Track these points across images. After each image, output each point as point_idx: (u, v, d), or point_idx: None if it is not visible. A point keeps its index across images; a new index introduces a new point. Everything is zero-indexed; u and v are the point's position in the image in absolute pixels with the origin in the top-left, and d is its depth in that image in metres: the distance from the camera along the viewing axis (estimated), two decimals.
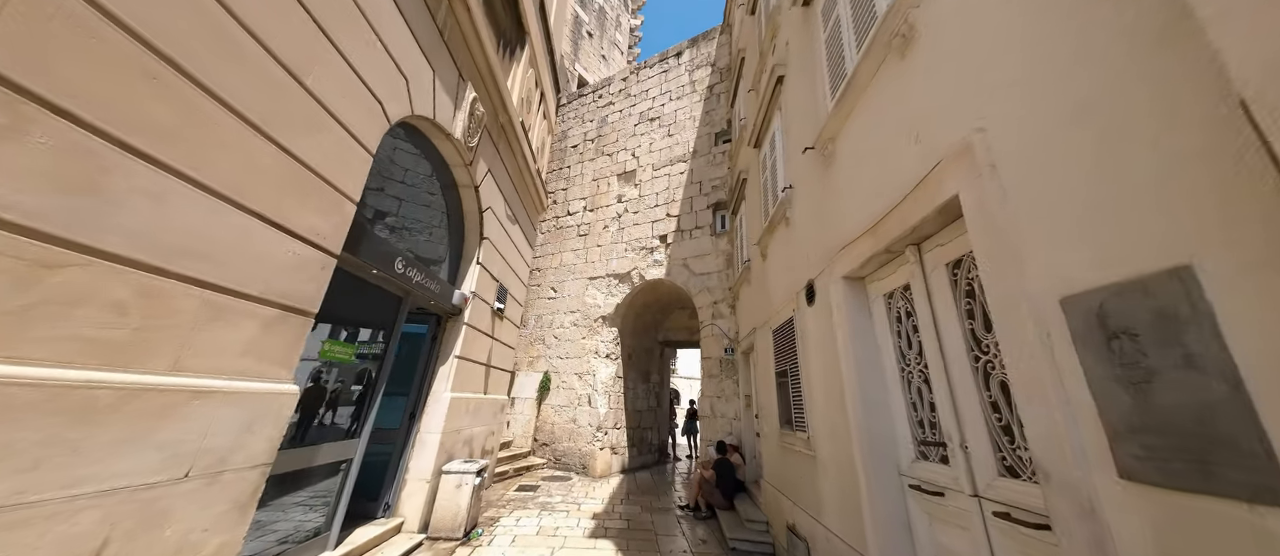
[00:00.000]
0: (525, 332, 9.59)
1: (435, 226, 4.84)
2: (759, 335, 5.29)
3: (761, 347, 5.14)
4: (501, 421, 6.55)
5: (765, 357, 4.93)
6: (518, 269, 6.93)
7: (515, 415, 8.49)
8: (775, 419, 4.46)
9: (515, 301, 6.94)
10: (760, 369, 5.24)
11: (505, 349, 6.66)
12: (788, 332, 4.04)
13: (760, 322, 5.15)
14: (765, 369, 4.95)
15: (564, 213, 10.28)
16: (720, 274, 7.68)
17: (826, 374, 3.21)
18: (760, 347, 5.23)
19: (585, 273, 9.32)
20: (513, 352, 7.09)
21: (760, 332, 5.22)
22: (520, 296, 7.25)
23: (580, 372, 8.52)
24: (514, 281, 6.80)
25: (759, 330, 5.31)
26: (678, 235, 8.44)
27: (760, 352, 5.23)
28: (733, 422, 6.72)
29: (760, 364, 5.24)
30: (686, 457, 11.07)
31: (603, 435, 7.97)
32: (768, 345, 4.74)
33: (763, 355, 5.09)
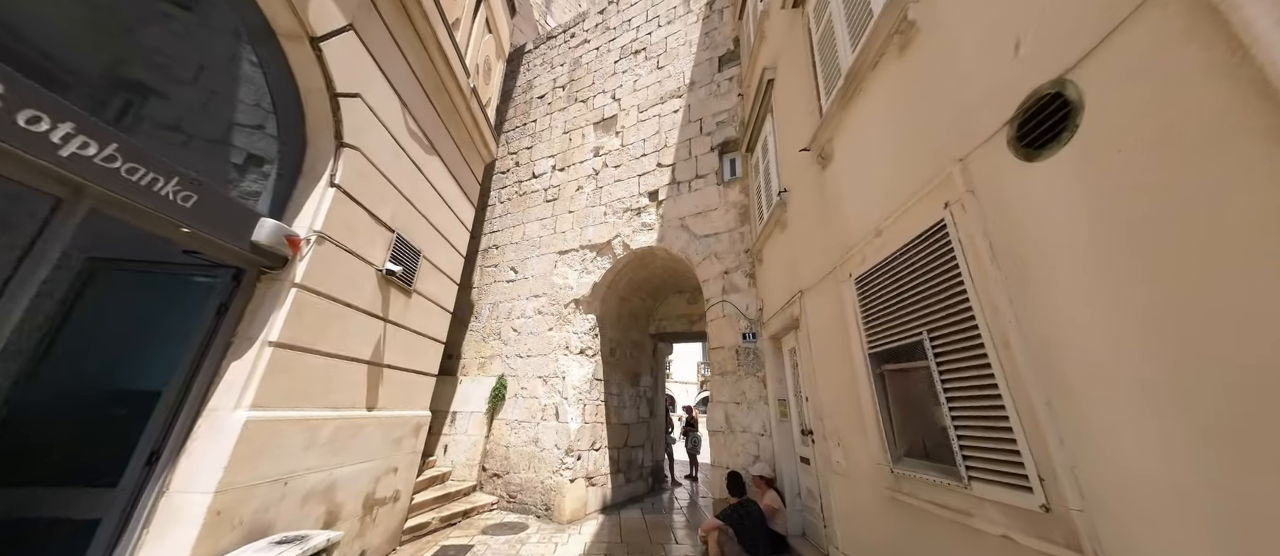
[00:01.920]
0: (475, 327, 7.40)
1: (249, 113, 2.69)
2: (816, 297, 3.18)
3: (824, 316, 3.03)
4: (408, 453, 4.33)
5: (834, 332, 2.82)
6: (441, 222, 4.76)
7: (456, 435, 6.26)
8: (874, 444, 2.34)
9: (439, 272, 4.76)
10: (821, 353, 3.12)
11: (420, 341, 4.45)
12: (921, 262, 1.91)
13: (822, 274, 3.04)
14: (835, 351, 2.83)
15: (528, 175, 8.16)
16: (732, 235, 5.59)
17: None
18: (820, 318, 3.12)
19: (554, 246, 7.19)
20: (436, 347, 4.87)
21: (819, 293, 3.11)
22: (450, 268, 5.07)
23: (545, 375, 6.34)
24: (434, 241, 4.63)
25: (815, 290, 3.20)
26: (672, 189, 6.35)
27: (820, 325, 3.12)
28: (760, 440, 4.59)
29: (820, 344, 3.12)
30: (687, 479, 8.88)
31: (574, 460, 5.78)
32: (844, 306, 2.63)
33: (827, 329, 2.98)
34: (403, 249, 4.02)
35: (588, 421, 6.16)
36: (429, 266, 4.60)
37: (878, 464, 2.29)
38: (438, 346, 4.92)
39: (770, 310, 4.53)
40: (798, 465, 4.15)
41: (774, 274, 4.40)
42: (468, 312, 7.62)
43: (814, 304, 3.22)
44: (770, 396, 4.60)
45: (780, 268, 4.14)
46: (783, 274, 4.05)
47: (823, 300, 3.05)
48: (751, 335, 5.00)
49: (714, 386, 5.14)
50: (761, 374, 4.81)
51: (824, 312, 3.02)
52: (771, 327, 4.50)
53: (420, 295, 4.45)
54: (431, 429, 6.18)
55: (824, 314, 3.03)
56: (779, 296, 4.19)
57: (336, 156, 3.09)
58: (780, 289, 4.15)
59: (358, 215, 3.36)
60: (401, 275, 4.03)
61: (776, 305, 4.27)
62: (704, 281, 5.65)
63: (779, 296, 4.19)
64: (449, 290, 5.15)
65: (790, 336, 4.18)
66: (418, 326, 4.45)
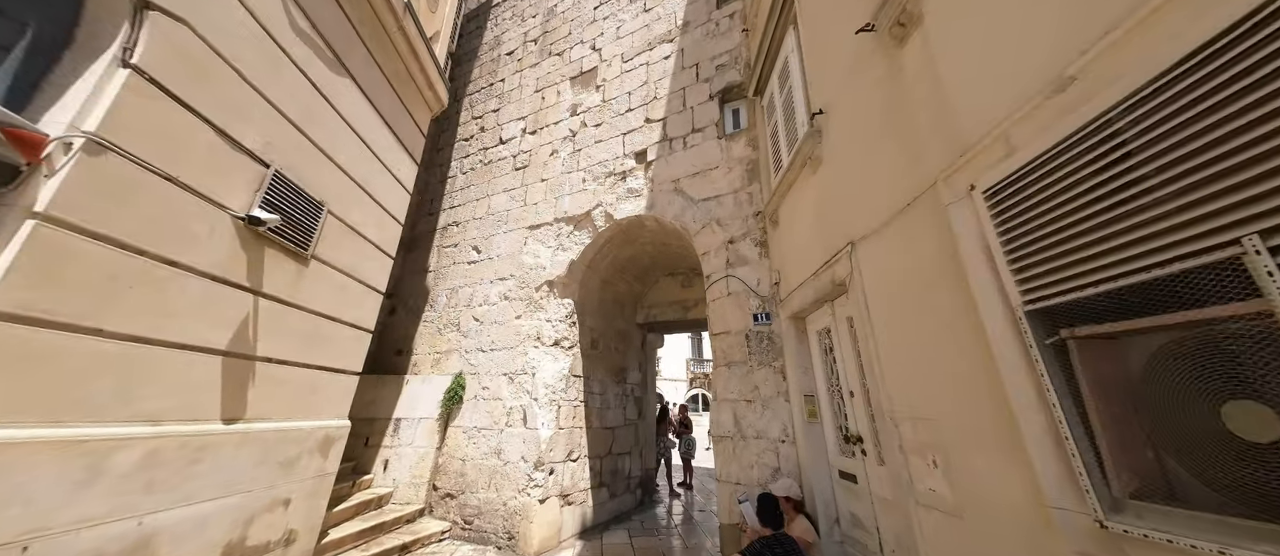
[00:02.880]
0: (430, 317, 6.23)
1: None
2: (883, 244, 2.16)
3: (900, 269, 2.01)
4: (311, 477, 3.20)
5: (924, 288, 1.80)
6: (363, 174, 3.64)
7: (400, 447, 5.10)
8: (1046, 470, 1.30)
9: (359, 239, 3.62)
10: (894, 325, 2.09)
11: (330, 328, 3.32)
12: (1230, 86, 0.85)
13: (897, 207, 2.01)
14: (927, 317, 1.81)
15: (495, 141, 7.02)
16: (737, 197, 4.57)
17: None
18: (892, 272, 2.09)
19: (524, 220, 6.07)
20: (359, 337, 3.73)
21: (890, 236, 2.09)
22: (381, 236, 3.94)
23: (512, 372, 5.23)
24: (350, 195, 3.51)
25: (881, 235, 2.17)
26: (664, 148, 5.30)
27: (893, 283, 2.09)
28: (780, 448, 3.57)
29: (892, 311, 2.09)
30: (681, 486, 7.84)
31: (545, 475, 4.68)
32: (959, 240, 1.60)
33: (907, 286, 1.96)
34: (287, 195, 2.87)
35: (563, 426, 5.07)
36: (341, 228, 3.45)
37: (1050, 506, 1.27)
38: (360, 336, 3.76)
39: (792, 282, 3.52)
40: (833, 482, 3.14)
41: (798, 234, 3.39)
42: (422, 301, 6.45)
43: (878, 254, 2.20)
44: (792, 392, 3.59)
45: (809, 223, 3.12)
46: (813, 230, 3.03)
47: (896, 245, 2.03)
48: (764, 316, 3.98)
49: (718, 381, 4.10)
50: (779, 364, 3.79)
51: (900, 263, 2.00)
52: (793, 304, 3.49)
53: (326, 265, 3.30)
54: (369, 441, 5.02)
55: (900, 265, 2.01)
56: (806, 261, 3.17)
57: (137, 23, 1.94)
58: (808, 251, 3.13)
59: (189, 127, 2.22)
60: (288, 233, 2.88)
61: (802, 274, 3.25)
62: (703, 254, 4.61)
63: (806, 261, 3.17)
64: (378, 264, 4.00)
65: (823, 312, 3.16)
66: (324, 308, 3.30)
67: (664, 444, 7.73)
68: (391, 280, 7.00)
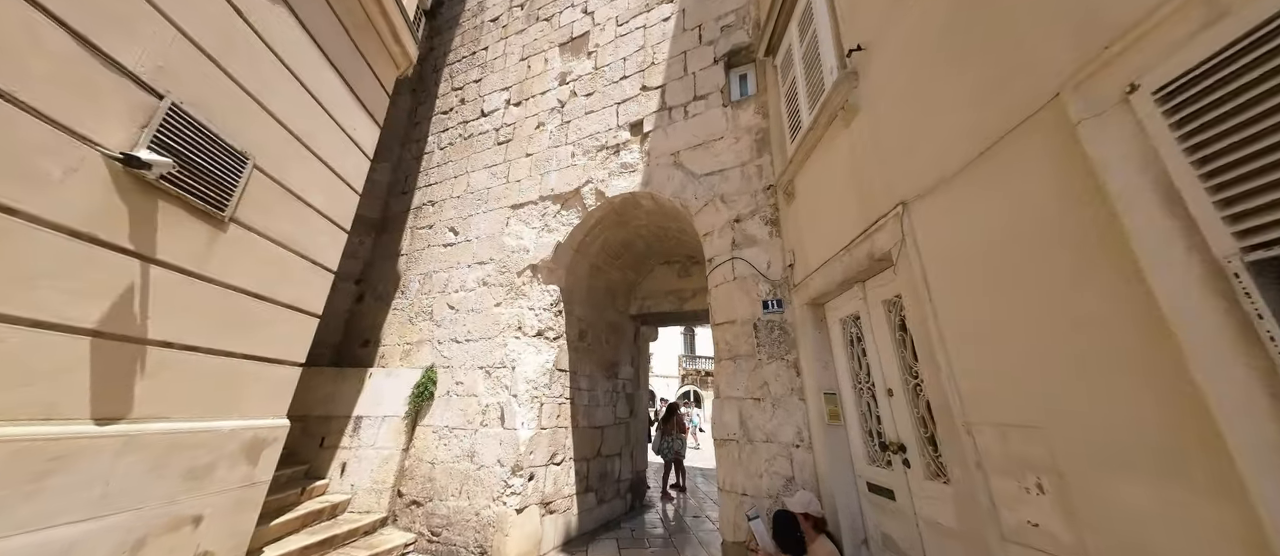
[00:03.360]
0: (401, 305, 5.64)
1: None
2: (955, 201, 1.65)
3: (986, 228, 1.50)
4: (235, 488, 2.64)
5: (1032, 251, 1.29)
6: (306, 127, 3.08)
7: (360, 449, 4.52)
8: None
9: (300, 204, 3.05)
10: (976, 301, 1.58)
11: (260, 309, 2.74)
12: None
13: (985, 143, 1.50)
14: (1036, 287, 1.30)
15: (476, 113, 6.43)
16: (744, 170, 4.07)
17: None
18: (969, 234, 1.58)
19: (506, 199, 5.51)
20: (300, 322, 3.18)
21: (971, 185, 1.58)
22: (330, 205, 3.38)
23: (489, 365, 4.68)
24: (288, 151, 2.94)
25: (951, 187, 1.67)
26: (662, 117, 4.78)
27: (973, 247, 1.58)
28: (794, 454, 3.09)
29: (974, 282, 1.58)
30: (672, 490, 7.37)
31: (524, 481, 4.15)
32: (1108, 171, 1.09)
33: (1000, 250, 1.44)
34: (192, 138, 2.29)
35: (546, 426, 4.54)
36: (275, 190, 2.87)
37: None
38: (303, 321, 3.19)
39: (810, 262, 3.03)
40: (860, 496, 2.66)
41: (821, 205, 2.89)
42: (392, 287, 5.85)
43: (943, 214, 1.70)
44: (808, 389, 3.10)
45: (837, 190, 2.62)
46: (844, 197, 2.53)
47: (975, 199, 1.54)
48: (775, 302, 3.49)
49: (721, 376, 3.61)
50: (792, 357, 3.31)
51: (982, 222, 1.51)
52: (811, 288, 3.00)
53: (252, 232, 2.72)
54: (324, 441, 4.44)
55: (982, 224, 1.51)
56: (831, 236, 2.68)
57: None
58: (834, 224, 2.64)
59: (28, 23, 1.63)
60: (194, 187, 2.31)
61: (825, 251, 2.76)
62: (705, 235, 4.11)
63: (831, 236, 2.68)
64: (328, 238, 3.42)
65: (850, 295, 2.68)
66: (250, 284, 2.73)
67: (671, 444, 7.27)
68: (360, 265, 6.40)
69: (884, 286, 2.35)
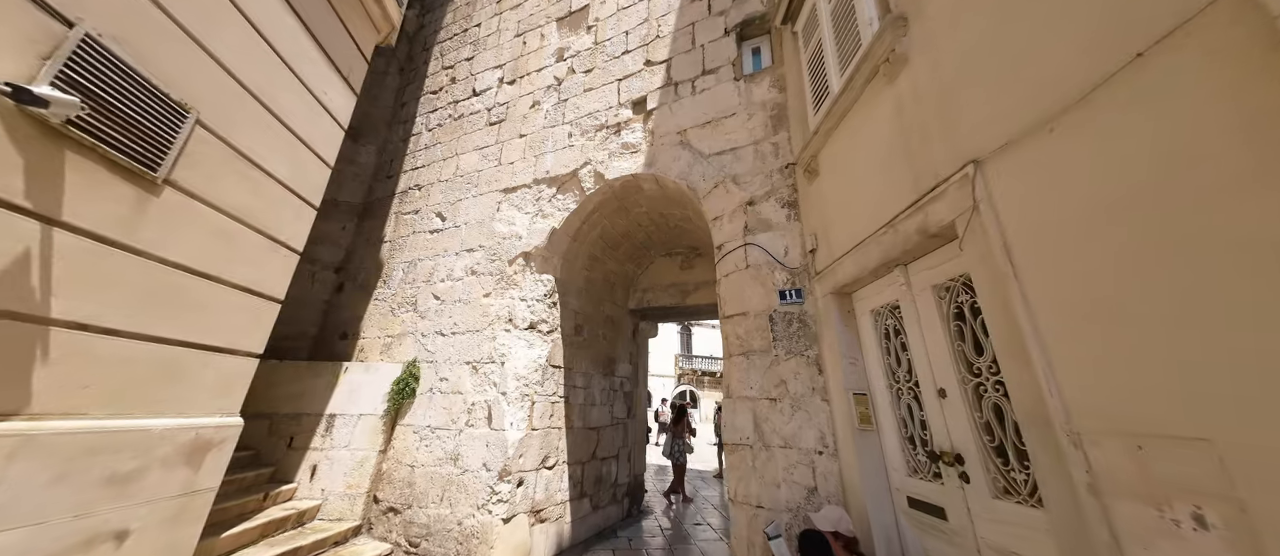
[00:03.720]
0: (383, 295, 5.24)
1: None
2: (1041, 152, 1.28)
3: (1097, 184, 1.13)
4: (171, 495, 2.24)
5: (1203, 192, 0.92)
6: (262, 82, 2.69)
7: (333, 450, 4.11)
8: None
9: (258, 172, 2.63)
10: (1079, 272, 1.22)
11: (202, 288, 2.32)
12: None
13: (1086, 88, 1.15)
14: (1195, 248, 0.93)
15: (467, 93, 6.04)
16: (758, 149, 3.72)
17: None
18: (1053, 208, 1.22)
19: (497, 182, 5.13)
20: (257, 307, 2.78)
21: (1073, 131, 1.21)
22: (294, 177, 2.99)
23: (477, 360, 4.30)
24: (243, 110, 2.53)
25: (1059, 126, 1.30)
26: (668, 94, 4.42)
27: (1080, 211, 1.21)
28: (816, 462, 2.74)
29: (1093, 247, 1.22)
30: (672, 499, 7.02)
31: (512, 488, 3.77)
32: None
33: (1125, 206, 1.08)
34: (113, 79, 1.90)
35: (537, 427, 4.16)
36: (224, 152, 2.48)
37: None
38: (260, 306, 2.79)
39: (838, 246, 2.68)
40: (898, 512, 2.31)
41: (853, 179, 2.54)
42: (374, 276, 5.45)
43: (1040, 169, 1.35)
44: (833, 389, 2.75)
45: (877, 158, 2.28)
46: (887, 164, 2.18)
47: (1091, 145, 1.19)
48: (793, 292, 3.14)
49: (732, 374, 3.25)
50: (813, 353, 2.96)
51: (1101, 175, 1.17)
52: (838, 275, 2.66)
53: (193, 198, 2.33)
54: (293, 441, 4.04)
55: (1102, 177, 1.17)
56: (866, 213, 2.34)
57: None
58: (872, 198, 2.30)
59: None
60: (116, 138, 1.92)
61: (858, 231, 2.41)
62: (714, 219, 3.75)
63: (866, 213, 2.34)
64: (292, 213, 3.03)
65: (886, 282, 2.33)
66: (191, 259, 2.33)
67: (680, 447, 6.94)
68: (341, 252, 5.98)
69: (935, 268, 2.00)
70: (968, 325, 1.85)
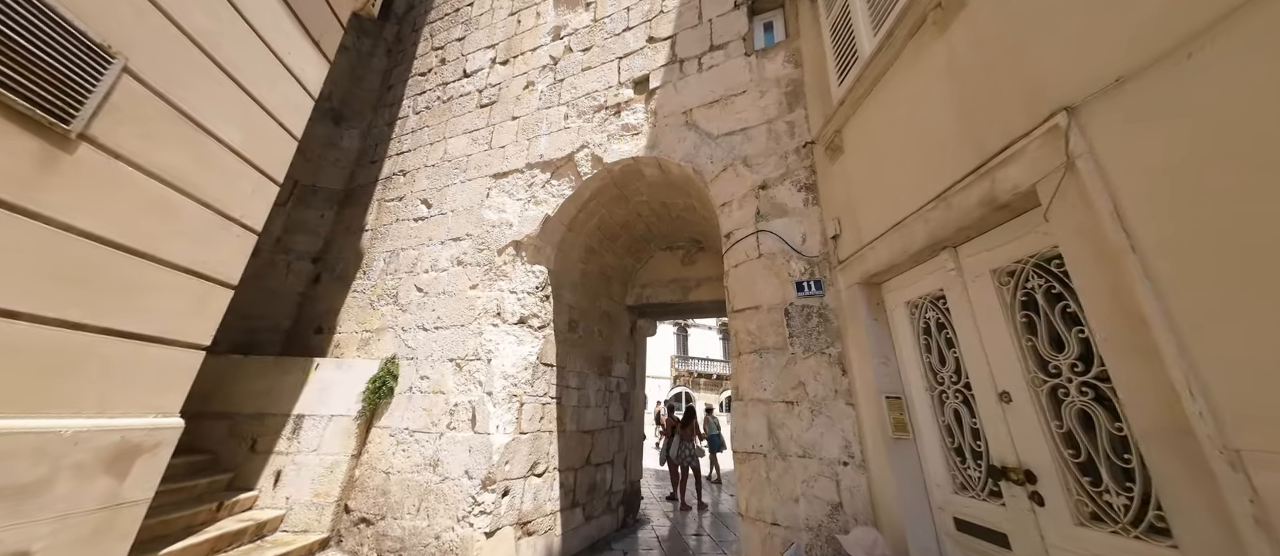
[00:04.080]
0: (362, 287, 4.88)
1: None
2: (1181, 85, 0.95)
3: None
4: (84, 511, 1.84)
5: None
6: (209, 29, 2.24)
7: (300, 454, 3.73)
8: None
9: (202, 135, 2.23)
10: (1248, 242, 0.90)
11: (122, 263, 1.92)
12: None
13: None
14: None
15: (457, 74, 5.69)
16: (772, 128, 3.41)
17: None
18: (1203, 155, 0.88)
19: (487, 167, 4.79)
20: (199, 290, 2.39)
21: (1242, 47, 0.88)
22: (250, 144, 2.62)
23: (461, 357, 3.95)
24: (188, 63, 2.11)
25: (1215, 38, 0.97)
26: (672, 71, 4.11)
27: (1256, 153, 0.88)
28: (841, 474, 2.42)
29: None
30: (681, 505, 6.68)
31: (496, 498, 3.42)
32: None
33: None
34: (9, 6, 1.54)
35: (526, 430, 3.82)
36: (161, 109, 2.13)
37: None
38: (206, 290, 2.42)
39: (869, 229, 2.37)
40: (941, 536, 2.00)
41: (888, 154, 2.24)
42: (353, 267, 5.08)
43: (1182, 100, 1.04)
44: (860, 391, 2.44)
45: (918, 126, 1.97)
46: (933, 131, 1.87)
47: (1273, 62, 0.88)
48: (812, 283, 2.83)
49: (742, 375, 2.93)
50: (835, 350, 2.64)
51: None
52: (869, 263, 2.34)
53: (121, 161, 1.98)
54: (256, 444, 3.67)
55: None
56: (907, 189, 2.03)
57: None
58: (917, 170, 1.99)
59: None
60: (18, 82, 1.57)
61: (896, 211, 2.10)
62: (722, 205, 3.44)
63: (907, 189, 2.03)
64: (249, 187, 2.67)
65: (928, 269, 2.02)
66: (115, 232, 1.98)
67: (690, 451, 6.63)
68: (319, 241, 5.60)
69: (997, 249, 1.69)
70: (1042, 315, 1.54)
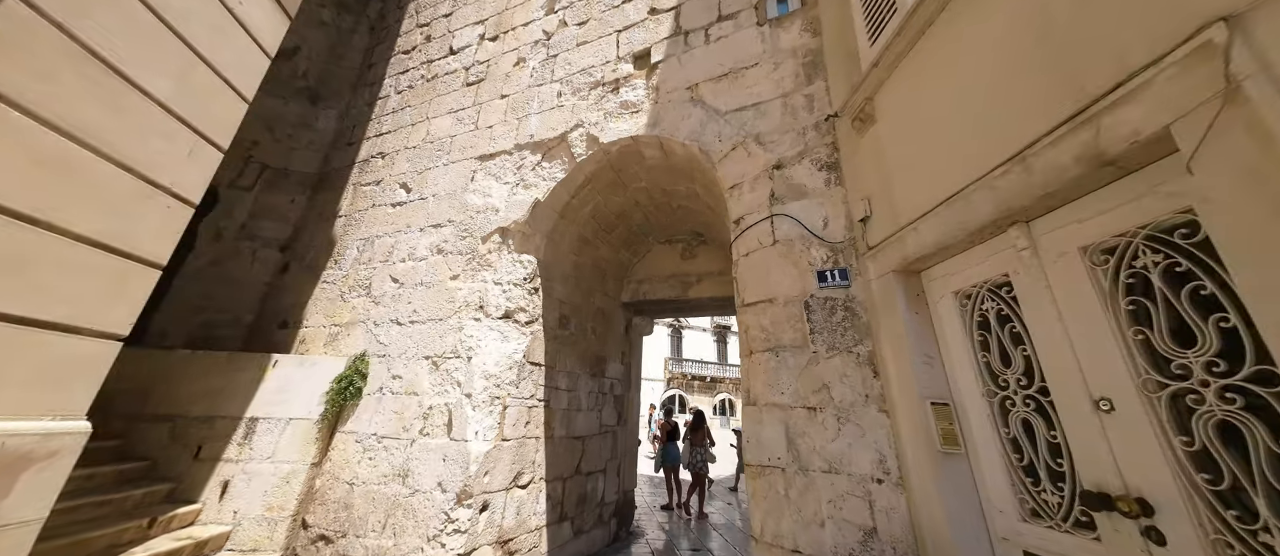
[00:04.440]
0: (333, 277, 4.46)
1: None
2: None
3: None
4: None
5: None
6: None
7: (252, 462, 3.29)
8: None
9: (112, 75, 1.75)
10: None
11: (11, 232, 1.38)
12: None
13: None
14: None
15: (443, 52, 5.31)
16: (787, 102, 3.07)
17: None
18: None
19: (473, 149, 4.40)
20: (127, 273, 1.96)
21: None
22: (168, 90, 2.15)
23: (438, 355, 3.55)
24: None
25: None
26: (676, 43, 3.76)
27: None
28: (874, 492, 2.08)
29: None
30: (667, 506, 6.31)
31: (473, 514, 3.03)
32: None
33: None
34: None
35: (510, 436, 3.43)
36: (59, 42, 1.74)
37: None
38: (122, 268, 2.01)
39: (908, 208, 2.04)
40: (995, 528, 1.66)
41: (937, 116, 1.90)
42: (324, 255, 4.66)
43: None
44: (897, 396, 2.09)
45: (983, 76, 1.64)
46: (1006, 78, 1.54)
47: None
48: (836, 273, 2.49)
49: (755, 376, 2.57)
50: (864, 349, 2.30)
51: None
52: (909, 247, 2.01)
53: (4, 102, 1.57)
54: (200, 451, 3.24)
55: None
56: (964, 157, 1.70)
57: None
58: (981, 130, 1.65)
59: None
60: None
61: (948, 184, 1.77)
62: (732, 187, 3.09)
63: (964, 157, 1.70)
64: (182, 148, 2.27)
65: (995, 248, 1.68)
66: None
67: (701, 457, 6.31)
68: (288, 228, 5.16)
69: (1091, 220, 1.36)
70: (1159, 301, 1.21)
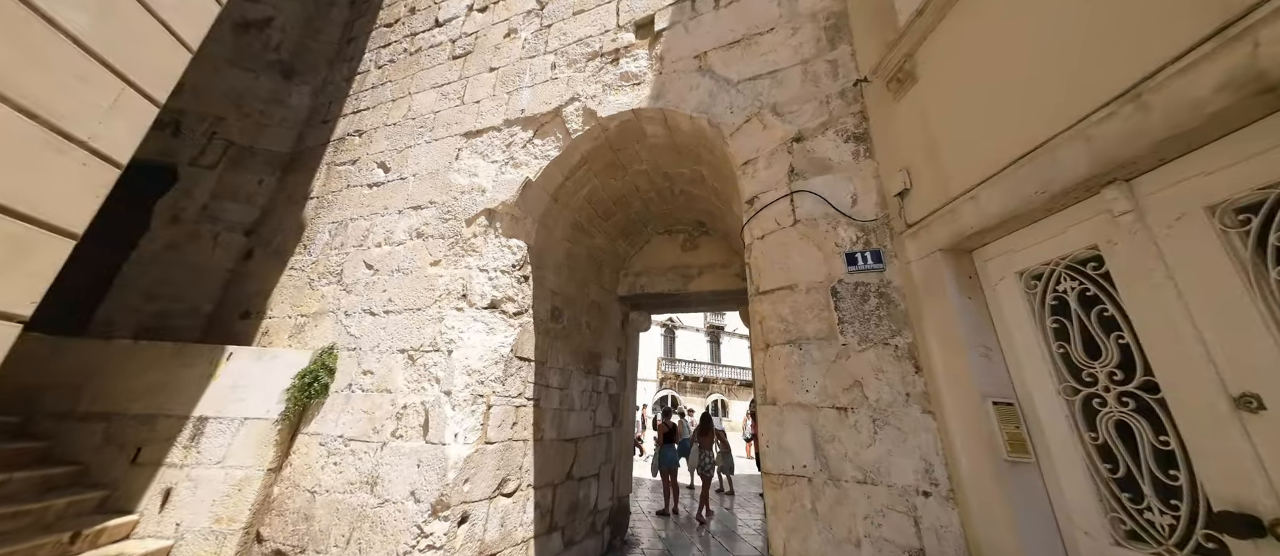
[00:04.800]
0: (301, 262, 4.07)
1: None
2: None
3: None
4: None
5: None
6: None
7: (199, 467, 2.89)
8: None
9: (28, 7, 1.34)
10: None
11: None
12: None
13: None
14: None
15: (428, 23, 4.94)
16: (807, 69, 2.78)
17: None
18: None
19: (458, 125, 4.05)
20: (17, 240, 1.47)
21: None
22: (82, 23, 1.69)
23: (414, 348, 3.19)
24: None
25: None
26: (682, 10, 3.46)
27: None
28: (919, 505, 1.78)
29: None
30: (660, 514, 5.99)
31: (450, 527, 2.67)
32: None
33: None
34: None
35: (494, 439, 3.08)
36: None
37: None
38: (30, 238, 1.63)
39: (959, 178, 1.75)
40: None
41: (1001, 62, 1.62)
42: (292, 240, 4.26)
43: None
44: (947, 395, 1.80)
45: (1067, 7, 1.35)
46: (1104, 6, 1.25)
47: None
48: (869, 255, 2.20)
49: (774, 372, 2.27)
50: (903, 341, 2.01)
51: None
52: (961, 222, 1.72)
53: None
54: (139, 455, 2.85)
55: None
56: (1043, 106, 1.41)
57: None
58: (1066, 72, 1.37)
59: None
60: None
61: (1023, 138, 1.48)
62: (745, 163, 2.78)
63: (1043, 106, 1.41)
64: (102, 98, 1.90)
65: (1076, 216, 1.39)
66: None
67: (708, 459, 6.05)
68: (255, 211, 4.73)
69: (1223, 171, 1.07)
70: None
